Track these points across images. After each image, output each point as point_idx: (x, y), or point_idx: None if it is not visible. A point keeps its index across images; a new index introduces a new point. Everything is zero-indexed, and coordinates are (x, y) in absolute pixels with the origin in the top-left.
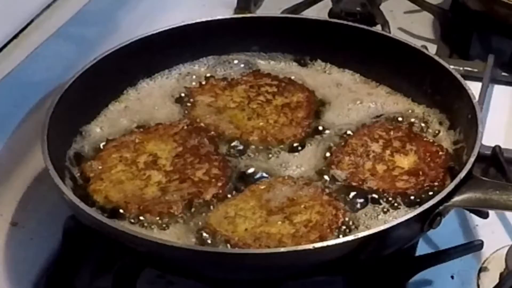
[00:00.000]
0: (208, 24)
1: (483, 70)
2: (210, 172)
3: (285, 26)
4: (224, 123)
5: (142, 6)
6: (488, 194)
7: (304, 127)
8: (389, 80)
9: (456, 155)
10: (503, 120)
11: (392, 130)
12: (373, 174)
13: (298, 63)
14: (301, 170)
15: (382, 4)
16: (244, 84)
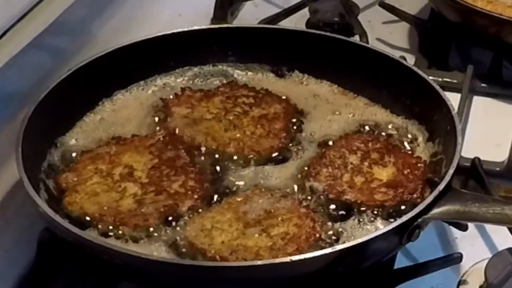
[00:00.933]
0: (185, 34)
1: (462, 81)
2: (187, 184)
3: (262, 37)
4: (200, 134)
5: (118, 17)
6: (467, 206)
7: (281, 139)
8: (367, 91)
9: (435, 167)
10: (482, 132)
11: (370, 142)
12: (351, 186)
13: (275, 74)
14: (279, 182)
15: (360, 14)
16: (220, 95)
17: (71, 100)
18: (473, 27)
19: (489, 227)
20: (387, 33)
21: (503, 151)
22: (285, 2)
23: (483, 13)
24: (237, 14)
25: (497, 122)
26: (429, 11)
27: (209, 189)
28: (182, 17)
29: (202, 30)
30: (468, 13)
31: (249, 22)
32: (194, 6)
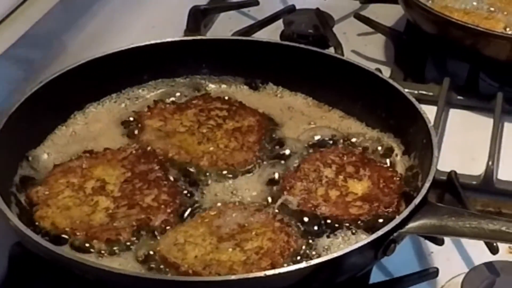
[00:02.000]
0: (157, 46)
1: (438, 94)
2: (159, 198)
3: (236, 49)
4: (173, 148)
5: (90, 28)
6: (443, 220)
7: (255, 152)
8: (342, 103)
9: (411, 180)
10: (459, 145)
11: (346, 155)
12: (326, 200)
13: (249, 86)
14: (253, 195)
15: (335, 26)
16: (194, 108)
17: (43, 113)
18: (449, 39)
19: (466, 242)
20: (363, 45)
21: (480, 164)
22: (259, 13)
23: (459, 24)
24: (211, 26)
25: (473, 135)
26: (405, 22)
27: (182, 203)
28: (155, 29)
29: (175, 42)
30: (444, 24)
31: (223, 34)
32: (167, 18)
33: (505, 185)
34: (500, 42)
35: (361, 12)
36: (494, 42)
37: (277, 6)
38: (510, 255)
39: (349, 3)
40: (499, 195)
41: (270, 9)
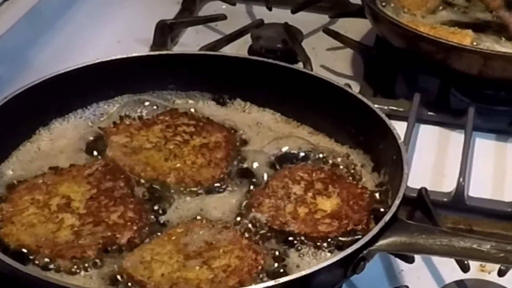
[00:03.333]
0: (123, 61)
1: (408, 109)
2: (125, 215)
3: (203, 64)
4: (140, 164)
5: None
6: (413, 238)
7: (222, 168)
8: (311, 119)
9: (380, 197)
10: (429, 161)
11: (314, 172)
12: (294, 217)
13: (216, 102)
14: (220, 213)
15: (303, 40)
16: (160, 123)
17: (7, 129)
18: (420, 54)
19: (436, 259)
20: (332, 60)
21: (451, 181)
22: (226, 28)
23: (430, 39)
24: (178, 40)
25: (444, 151)
26: (374, 37)
27: (148, 220)
28: (121, 43)
29: (141, 57)
30: (414, 39)
31: (190, 49)
32: (133, 33)
33: (476, 202)
34: (471, 57)
35: (330, 26)
36: (465, 56)
37: (245, 20)
38: (482, 273)
39: (318, 18)
40: (470, 213)
41: (238, 23)
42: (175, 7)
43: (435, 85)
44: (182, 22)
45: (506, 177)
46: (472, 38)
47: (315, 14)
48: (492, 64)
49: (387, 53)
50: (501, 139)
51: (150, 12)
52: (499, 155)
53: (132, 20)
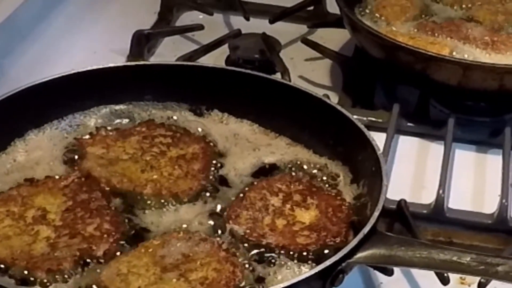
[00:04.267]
0: (100, 72)
1: (387, 120)
2: (102, 227)
3: (180, 74)
4: (116, 175)
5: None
6: (393, 250)
7: (200, 180)
8: (289, 130)
9: (359, 209)
10: (409, 173)
11: (292, 183)
12: (272, 229)
13: (193, 112)
14: (197, 224)
15: (281, 51)
16: (137, 135)
17: None
18: (399, 64)
19: (416, 272)
20: (310, 70)
21: (430, 193)
22: (204, 38)
23: (408, 49)
24: (155, 50)
25: (424, 163)
26: (353, 47)
27: (125, 232)
28: (97, 54)
29: (118, 68)
30: (393, 49)
31: (166, 59)
32: (109, 43)
33: (456, 214)
34: (450, 67)
35: (308, 36)
36: (445, 66)
37: (223, 30)
38: (462, 286)
39: (296, 28)
40: (450, 224)
41: (215, 33)
42: (152, 17)
43: (414, 95)
44: (159, 32)
45: (486, 188)
46: (451, 48)
47: (293, 24)
48: (471, 75)
49: (366, 64)
50: (481, 150)
51: (127, 22)
52: (479, 167)
53: (108, 30)
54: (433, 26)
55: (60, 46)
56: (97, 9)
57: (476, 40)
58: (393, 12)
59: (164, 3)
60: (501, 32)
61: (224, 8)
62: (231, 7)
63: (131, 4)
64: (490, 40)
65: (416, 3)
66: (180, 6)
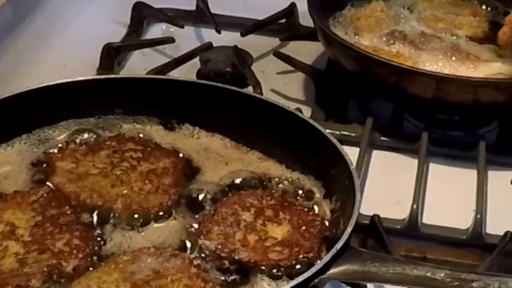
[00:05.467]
0: (69, 85)
1: (361, 134)
2: (71, 243)
3: (151, 88)
4: (86, 190)
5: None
6: (366, 266)
7: (171, 195)
8: (261, 144)
9: (332, 224)
10: (382, 188)
11: (264, 198)
12: (244, 244)
13: (164, 126)
14: (168, 240)
15: (253, 64)
16: (107, 149)
17: None
18: (373, 77)
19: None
20: (282, 84)
21: (404, 208)
22: (174, 51)
23: (383, 62)
24: (125, 64)
25: (397, 177)
26: (326, 60)
27: (95, 247)
28: (66, 67)
29: (87, 81)
30: (367, 62)
31: (137, 72)
32: (79, 56)
33: (430, 229)
34: (424, 80)
35: (280, 49)
36: (419, 79)
37: (194, 43)
38: None
39: (268, 41)
40: (424, 240)
41: (186, 46)
42: (121, 30)
43: (388, 109)
44: (129, 45)
45: (461, 203)
46: (413, 61)
47: (265, 37)
48: (445, 88)
49: (339, 77)
50: (456, 164)
51: (96, 34)
52: (454, 181)
53: (77, 43)
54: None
55: (29, 59)
56: (67, 22)
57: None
58: (367, 24)
59: (134, 16)
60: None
61: (195, 21)
62: (202, 20)
63: (101, 16)
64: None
65: (390, 15)
66: (151, 19)
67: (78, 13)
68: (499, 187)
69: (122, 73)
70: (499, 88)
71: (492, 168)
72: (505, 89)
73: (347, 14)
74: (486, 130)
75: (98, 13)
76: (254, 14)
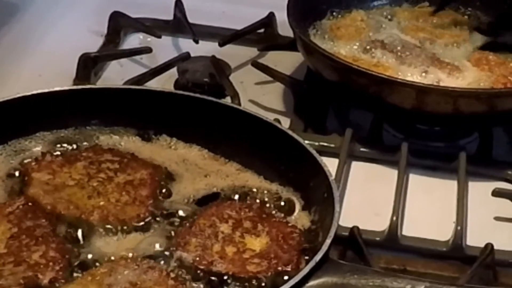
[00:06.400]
0: (45, 96)
1: (340, 145)
2: (47, 255)
3: (128, 98)
4: (62, 202)
5: None
6: (345, 278)
7: (148, 206)
8: (239, 156)
9: (311, 236)
10: (362, 199)
11: (243, 210)
12: (222, 256)
13: (141, 137)
14: (145, 252)
15: (232, 74)
16: (83, 160)
17: None
18: (352, 88)
19: None
20: (261, 94)
21: (384, 219)
22: (152, 61)
23: (362, 72)
24: (101, 74)
25: (377, 189)
26: (305, 71)
27: (71, 259)
28: (42, 77)
29: (64, 92)
30: (347, 72)
31: (113, 83)
32: (55, 66)
33: (410, 241)
34: (404, 90)
35: (259, 60)
36: (399, 90)
37: (171, 53)
38: None
39: (246, 51)
40: (404, 252)
41: (163, 56)
42: (98, 40)
43: (367, 120)
44: (106, 55)
45: (441, 215)
46: (394, 70)
47: (244, 47)
48: (425, 98)
49: (318, 87)
50: (436, 175)
51: (73, 44)
52: (434, 193)
53: (54, 52)
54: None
55: (5, 69)
56: (43, 32)
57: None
58: (347, 33)
59: (111, 26)
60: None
61: (172, 30)
62: (180, 30)
63: (78, 26)
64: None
65: (371, 24)
66: (128, 28)
67: (55, 23)
68: (479, 198)
69: (99, 83)
70: (480, 98)
71: (472, 179)
72: (485, 99)
73: (327, 24)
74: (466, 141)
75: (75, 23)
76: (232, 24)
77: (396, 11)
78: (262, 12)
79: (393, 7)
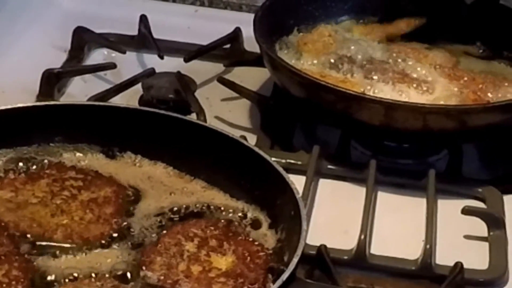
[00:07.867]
0: (7, 112)
1: (307, 163)
2: (10, 274)
3: (92, 115)
4: (25, 220)
5: None
6: None
7: (112, 224)
8: (205, 173)
9: (278, 255)
10: (329, 217)
11: (208, 228)
12: (187, 275)
13: (105, 154)
14: (110, 271)
15: (197, 90)
16: (47, 178)
17: None
18: (320, 104)
19: None
20: (227, 110)
21: (352, 238)
22: (116, 77)
23: (330, 88)
24: (65, 90)
25: (345, 206)
26: (271, 87)
27: (35, 278)
28: (5, 93)
29: (26, 108)
30: (314, 88)
31: (77, 99)
32: (18, 82)
33: (379, 260)
34: (373, 106)
35: (225, 75)
36: (367, 106)
37: (136, 69)
38: None
39: (212, 67)
40: (372, 271)
41: (128, 72)
42: (62, 55)
43: (335, 137)
44: (69, 71)
45: (410, 233)
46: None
47: (209, 63)
48: (394, 114)
49: (285, 104)
50: (405, 193)
51: (36, 60)
52: (403, 211)
53: (17, 68)
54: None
55: None
56: (6, 47)
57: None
58: (314, 49)
59: (75, 41)
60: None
61: (137, 46)
62: (145, 45)
63: (41, 42)
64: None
65: (338, 39)
66: (92, 44)
67: (18, 38)
68: (449, 216)
69: (63, 99)
70: (449, 115)
71: (442, 197)
72: (455, 115)
73: (293, 39)
74: (435, 158)
75: (38, 38)
76: (198, 39)
77: (363, 27)
78: (228, 27)
79: (360, 22)
